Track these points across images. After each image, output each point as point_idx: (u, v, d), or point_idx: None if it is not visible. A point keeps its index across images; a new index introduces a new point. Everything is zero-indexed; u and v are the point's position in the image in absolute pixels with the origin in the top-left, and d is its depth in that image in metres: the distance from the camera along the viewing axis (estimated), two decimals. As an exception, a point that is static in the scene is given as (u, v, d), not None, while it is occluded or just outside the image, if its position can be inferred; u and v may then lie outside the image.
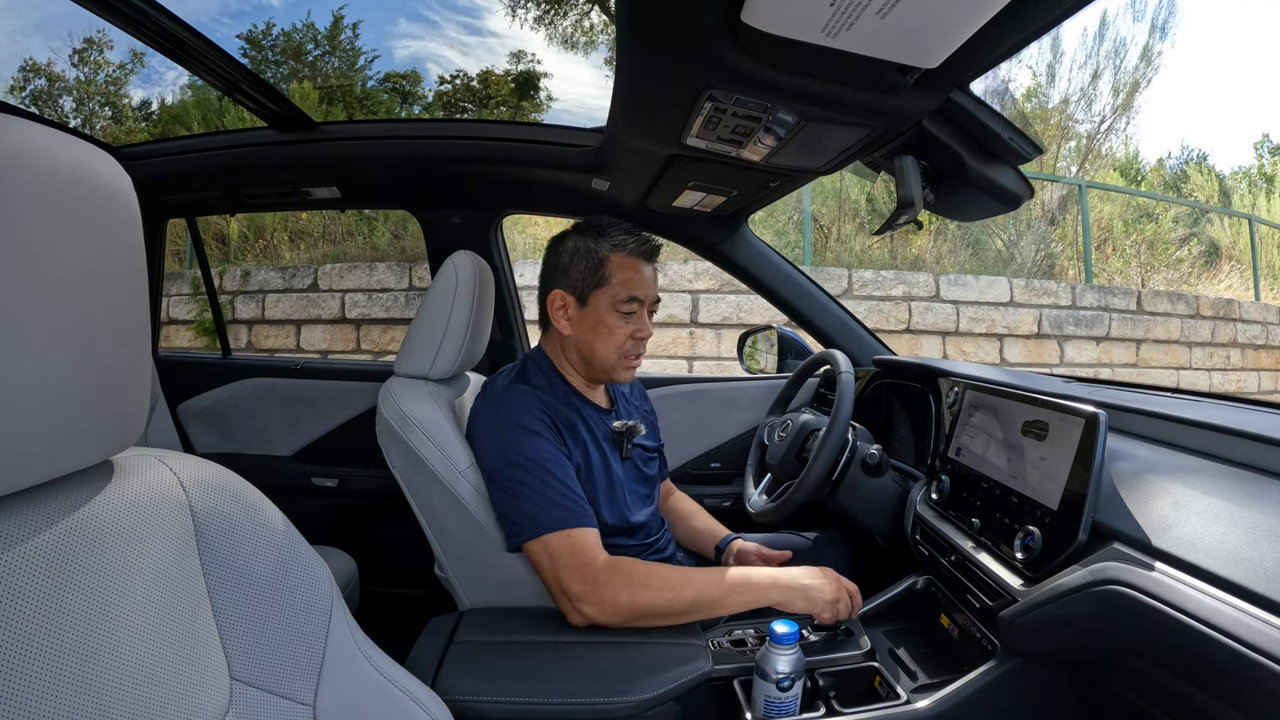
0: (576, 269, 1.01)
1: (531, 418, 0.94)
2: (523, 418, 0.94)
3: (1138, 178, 9.17)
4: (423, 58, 18.28)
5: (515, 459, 0.91)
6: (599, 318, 1.01)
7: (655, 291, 1.05)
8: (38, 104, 8.62)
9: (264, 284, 5.16)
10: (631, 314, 1.01)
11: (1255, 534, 0.56)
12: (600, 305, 1.00)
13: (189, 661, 0.40)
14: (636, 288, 1.00)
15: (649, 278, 1.03)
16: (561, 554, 0.87)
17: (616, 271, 1.00)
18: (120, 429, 0.40)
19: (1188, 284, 6.62)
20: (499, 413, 0.97)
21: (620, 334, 1.01)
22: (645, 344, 1.05)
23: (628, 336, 1.02)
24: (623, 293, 1.00)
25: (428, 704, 0.55)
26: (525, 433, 0.93)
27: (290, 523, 0.51)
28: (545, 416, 0.96)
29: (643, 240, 1.03)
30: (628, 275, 1.00)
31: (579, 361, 1.05)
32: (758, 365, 1.85)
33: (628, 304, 1.00)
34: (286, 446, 1.69)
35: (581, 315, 1.02)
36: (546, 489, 0.89)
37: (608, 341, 1.01)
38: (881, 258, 5.63)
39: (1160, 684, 0.64)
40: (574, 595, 0.85)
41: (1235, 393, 5.60)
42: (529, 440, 0.92)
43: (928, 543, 0.99)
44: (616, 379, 1.05)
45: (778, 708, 0.78)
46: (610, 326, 1.00)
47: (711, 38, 0.67)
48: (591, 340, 1.02)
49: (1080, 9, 0.60)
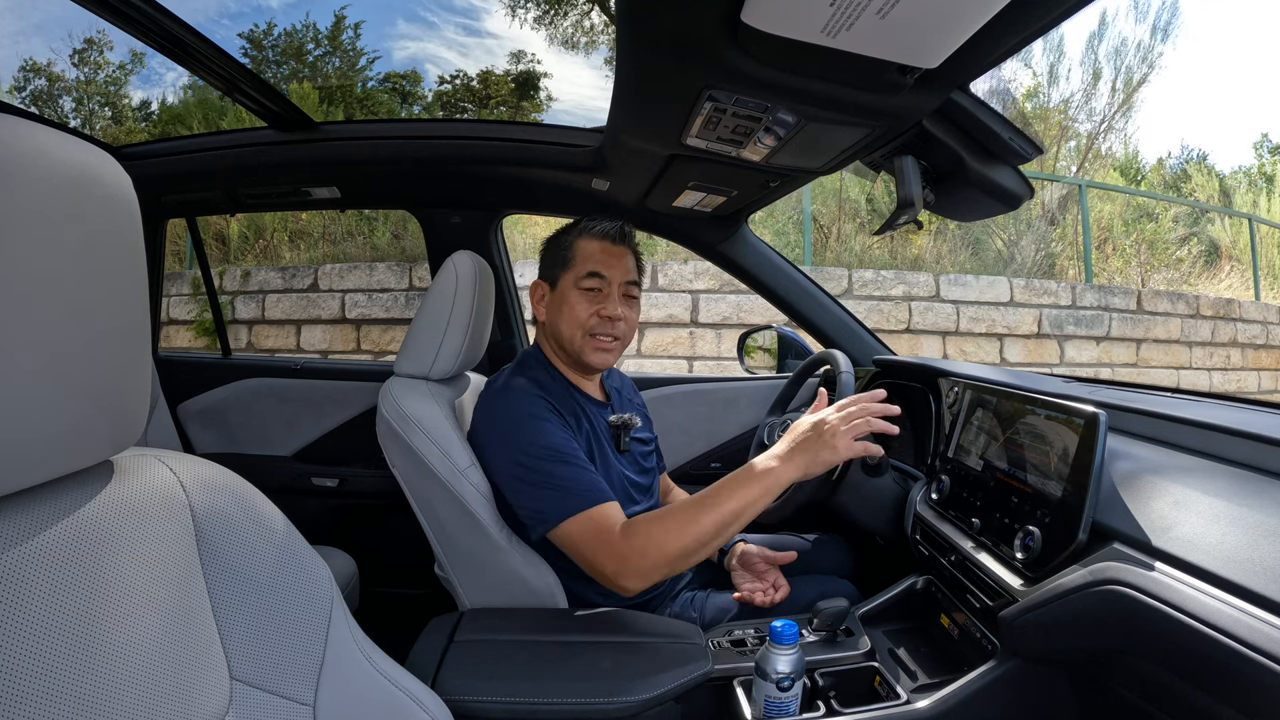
0: (549, 257, 1.08)
1: (537, 405, 0.95)
2: (529, 407, 0.95)
3: (1138, 177, 9.17)
4: (421, 59, 18.31)
5: (529, 448, 0.91)
6: (563, 297, 1.04)
7: (624, 274, 1.05)
8: (38, 104, 8.63)
9: (264, 284, 5.16)
10: (593, 290, 1.03)
11: (1255, 534, 0.56)
12: (565, 285, 1.04)
13: (189, 661, 0.40)
14: (597, 264, 1.03)
15: (614, 256, 1.04)
16: (586, 537, 0.86)
17: (579, 252, 1.04)
18: (120, 429, 0.40)
19: (1188, 284, 6.62)
20: (504, 408, 0.97)
21: (582, 310, 1.02)
22: (617, 326, 1.04)
23: (591, 314, 1.02)
24: (583, 269, 1.03)
25: (428, 704, 0.55)
26: (534, 420, 0.93)
27: (290, 523, 0.51)
28: (548, 403, 0.97)
29: (610, 224, 1.05)
30: (589, 253, 1.04)
31: (557, 348, 1.07)
32: (757, 365, 1.85)
33: (588, 279, 1.03)
34: (286, 446, 1.69)
35: (552, 299, 1.06)
36: (562, 474, 0.89)
37: (571, 320, 1.03)
38: (881, 258, 5.63)
39: (1160, 684, 0.64)
40: (610, 574, 0.85)
41: (1235, 393, 5.60)
42: (538, 427, 0.93)
43: (928, 543, 0.99)
44: (587, 360, 1.05)
45: (778, 708, 0.78)
46: (572, 303, 1.03)
47: (711, 38, 0.67)
48: (557, 321, 1.05)
49: (1080, 9, 0.60)
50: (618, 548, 0.84)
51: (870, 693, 0.86)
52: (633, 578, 0.84)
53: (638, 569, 0.83)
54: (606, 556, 0.85)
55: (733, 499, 0.85)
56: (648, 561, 0.83)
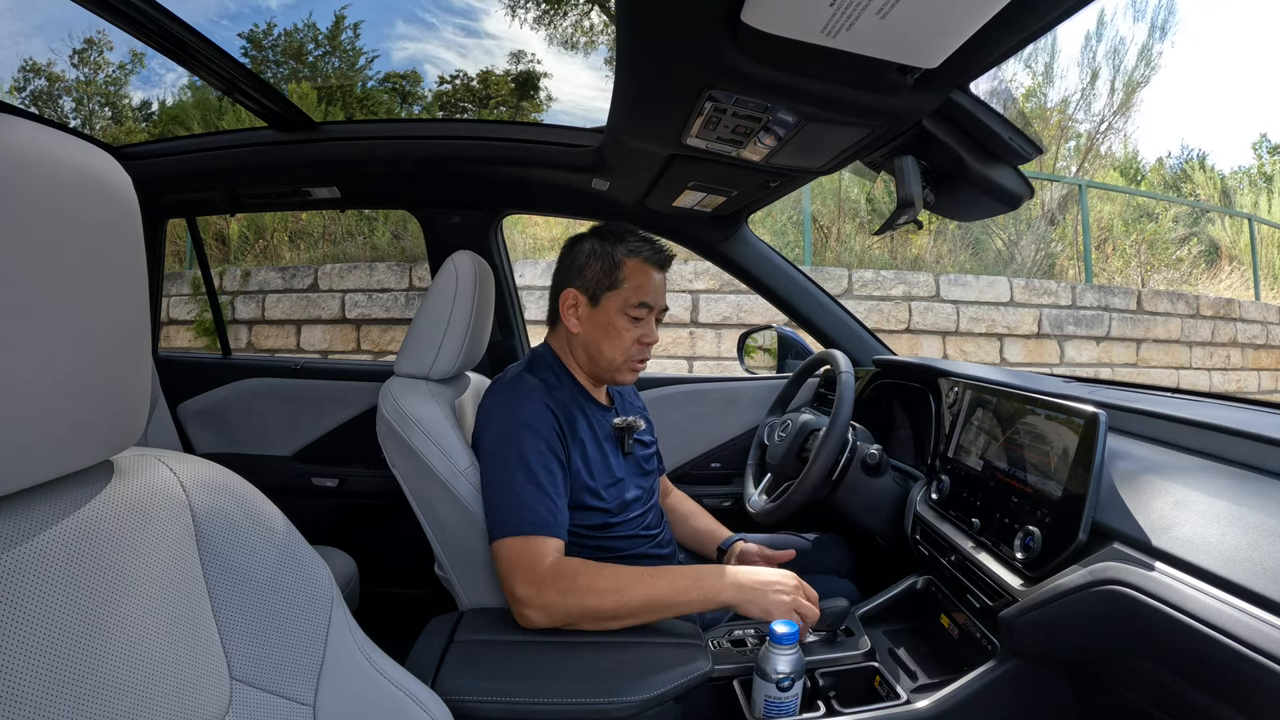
0: (591, 270, 1.03)
1: (538, 417, 0.95)
2: (529, 416, 0.95)
3: (1137, 177, 9.16)
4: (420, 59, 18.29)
5: (509, 454, 0.91)
6: (609, 319, 1.02)
7: (664, 300, 1.07)
8: (38, 104, 8.63)
9: (264, 284, 5.16)
10: (640, 319, 1.03)
11: (1255, 534, 0.56)
12: (611, 307, 1.02)
13: (189, 661, 0.40)
14: (648, 294, 1.02)
15: (660, 285, 1.05)
16: (513, 558, 0.86)
17: (630, 276, 1.02)
18: (120, 429, 0.40)
19: (1188, 284, 6.62)
20: (507, 405, 0.97)
21: (628, 337, 1.03)
22: (650, 350, 1.06)
23: (634, 340, 1.03)
24: (634, 297, 1.02)
25: (428, 704, 0.55)
26: (527, 431, 0.93)
27: (290, 523, 0.51)
28: (550, 415, 0.96)
29: (658, 249, 1.05)
30: (640, 281, 1.02)
31: (585, 360, 1.07)
32: (757, 365, 1.85)
33: (638, 309, 1.02)
34: (286, 446, 1.69)
35: (592, 315, 1.04)
36: (525, 491, 0.89)
37: (615, 343, 1.03)
38: (882, 258, 5.63)
39: (1160, 684, 0.64)
40: (518, 598, 0.84)
41: (1235, 393, 5.60)
42: (529, 439, 0.92)
43: (928, 543, 0.99)
44: (619, 381, 1.07)
45: (778, 708, 0.78)
46: (619, 328, 1.02)
47: (711, 38, 0.67)
48: (600, 340, 1.03)
49: (1080, 9, 0.60)
50: (540, 577, 0.84)
51: (870, 693, 0.86)
52: (539, 611, 0.84)
53: (548, 604, 0.83)
54: (523, 582, 0.84)
55: (668, 586, 0.86)
56: (564, 601, 0.83)
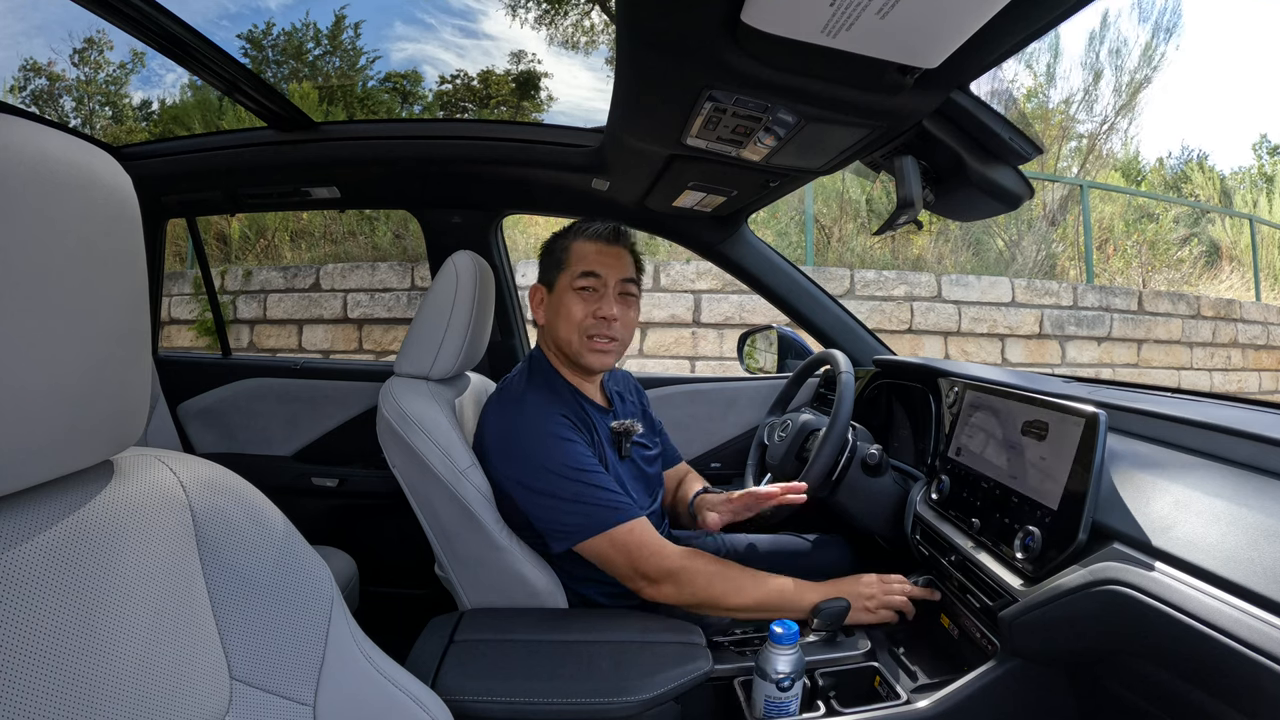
0: (547, 261, 1.09)
1: (558, 424, 0.96)
2: (551, 426, 0.96)
3: (1138, 178, 9.16)
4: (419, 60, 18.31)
5: (558, 469, 0.93)
6: (560, 299, 1.04)
7: (620, 272, 1.04)
8: (38, 104, 8.63)
9: (265, 284, 5.16)
10: (588, 289, 1.03)
11: (1255, 534, 0.56)
12: (562, 287, 1.05)
13: (189, 661, 0.40)
14: (591, 264, 1.03)
15: (607, 257, 1.04)
16: (631, 545, 0.93)
17: (574, 253, 1.05)
18: (120, 429, 0.40)
19: (1188, 284, 6.61)
20: (522, 423, 0.97)
21: (579, 311, 1.02)
22: (613, 327, 1.03)
23: (587, 315, 1.02)
24: (578, 269, 1.03)
25: (428, 704, 0.55)
26: (558, 441, 0.94)
27: (290, 523, 0.51)
28: (567, 421, 0.97)
29: (604, 225, 1.06)
30: (583, 253, 1.04)
31: (557, 350, 1.08)
32: (758, 365, 1.85)
33: (583, 279, 1.03)
34: (286, 446, 1.69)
35: (550, 301, 1.07)
36: (592, 494, 0.93)
37: (568, 321, 1.03)
38: (883, 258, 5.63)
39: (1160, 684, 0.64)
40: (654, 577, 0.92)
41: (1236, 393, 5.59)
42: (563, 448, 0.94)
43: (928, 543, 0.99)
44: (585, 363, 1.05)
45: (778, 708, 0.78)
46: (569, 305, 1.03)
47: (711, 38, 0.67)
48: (556, 323, 1.05)
49: (1081, 9, 0.60)
50: (673, 561, 0.93)
51: (870, 693, 0.86)
52: (674, 588, 0.92)
53: (682, 585, 0.92)
54: (655, 565, 0.92)
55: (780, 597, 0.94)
56: (695, 586, 0.92)
